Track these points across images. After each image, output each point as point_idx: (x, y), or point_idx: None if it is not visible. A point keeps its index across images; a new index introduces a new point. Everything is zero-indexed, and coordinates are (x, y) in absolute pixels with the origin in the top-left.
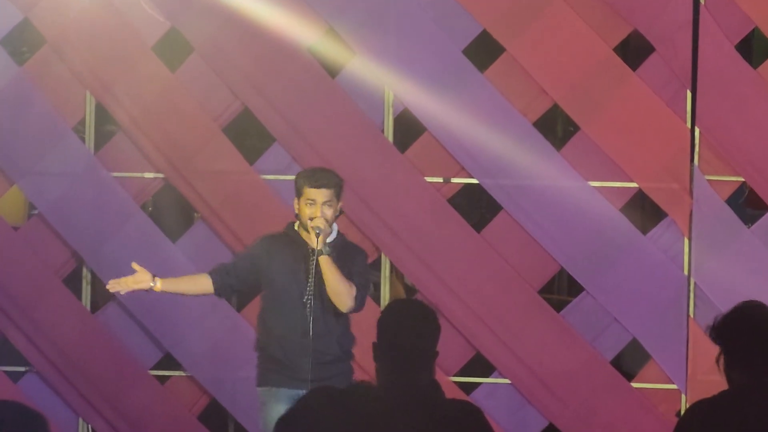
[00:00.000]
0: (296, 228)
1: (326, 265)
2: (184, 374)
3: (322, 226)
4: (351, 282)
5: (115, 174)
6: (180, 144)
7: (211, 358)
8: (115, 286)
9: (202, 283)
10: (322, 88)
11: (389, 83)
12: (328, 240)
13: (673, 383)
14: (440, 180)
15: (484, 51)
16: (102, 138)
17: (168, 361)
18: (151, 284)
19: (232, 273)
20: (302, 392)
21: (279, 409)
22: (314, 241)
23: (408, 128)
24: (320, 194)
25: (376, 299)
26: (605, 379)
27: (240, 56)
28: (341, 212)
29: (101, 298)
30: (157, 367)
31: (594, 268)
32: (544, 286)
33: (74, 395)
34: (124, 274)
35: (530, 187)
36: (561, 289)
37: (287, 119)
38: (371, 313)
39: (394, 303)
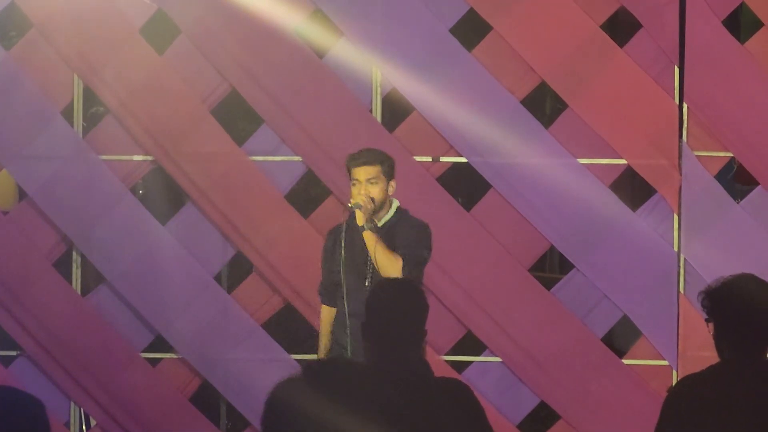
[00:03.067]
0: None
1: (368, 239)
2: (175, 356)
3: (362, 203)
4: (397, 255)
5: (104, 157)
6: (168, 126)
7: (203, 340)
8: None
9: (329, 316)
10: (310, 68)
11: (377, 63)
12: (385, 218)
13: (665, 359)
14: (429, 159)
15: (471, 30)
16: (89, 121)
17: (159, 344)
18: None
19: (329, 286)
20: None
21: None
22: (358, 220)
23: (396, 108)
24: (362, 172)
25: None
26: (596, 356)
27: (227, 38)
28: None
29: (92, 281)
30: (148, 349)
31: (584, 246)
32: (534, 264)
33: (65, 379)
34: (114, 257)
35: (519, 165)
36: (551, 267)
37: (275, 100)
38: None
39: (382, 282)
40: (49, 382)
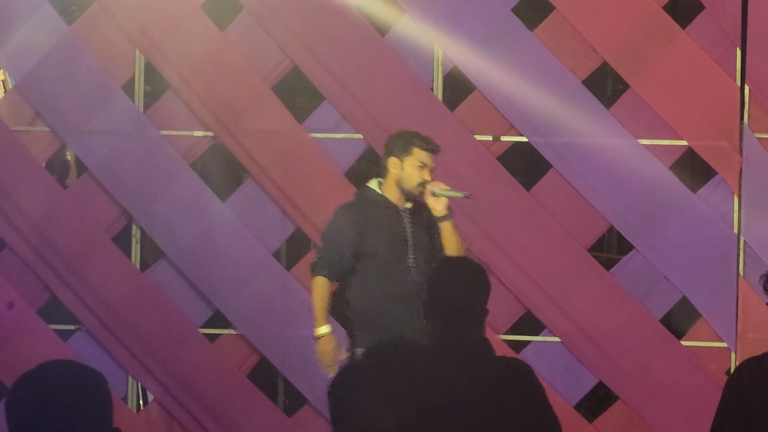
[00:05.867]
0: (379, 189)
1: (451, 227)
2: (233, 332)
3: (445, 190)
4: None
5: (164, 132)
6: (229, 102)
7: (261, 317)
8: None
9: (328, 290)
10: (372, 46)
11: (438, 41)
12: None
13: (723, 341)
14: (490, 138)
15: (533, 9)
16: (150, 97)
17: (218, 320)
18: (334, 339)
19: (340, 261)
20: None
21: None
22: (439, 209)
23: (457, 86)
24: (431, 159)
25: None
26: (655, 338)
27: (289, 15)
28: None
29: (151, 256)
30: (206, 325)
31: (643, 226)
32: (593, 244)
33: (124, 354)
34: (174, 233)
35: (580, 145)
36: (610, 247)
37: (336, 78)
38: None
39: (444, 261)
40: (107, 357)
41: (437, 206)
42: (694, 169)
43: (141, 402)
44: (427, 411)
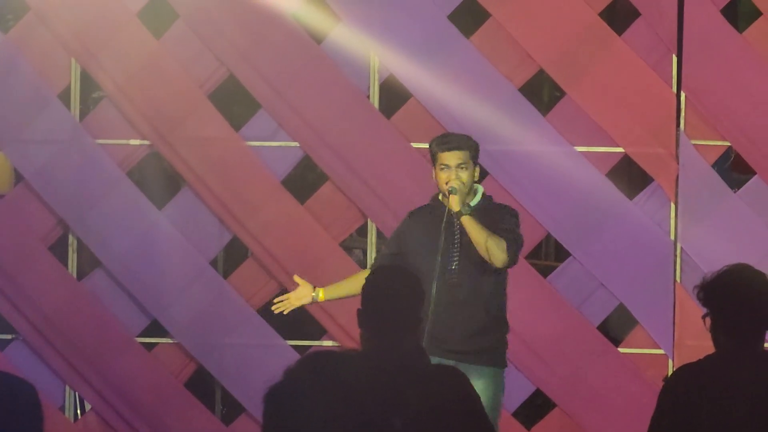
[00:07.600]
0: (440, 198)
1: (469, 223)
2: (170, 341)
3: (456, 186)
4: (500, 237)
5: (101, 141)
6: (165, 111)
7: (198, 325)
8: (280, 306)
9: (358, 277)
10: (308, 54)
11: (375, 49)
12: (472, 203)
13: (660, 348)
14: (426, 146)
15: (469, 16)
16: (87, 105)
17: (154, 328)
18: (313, 295)
19: (383, 257)
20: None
21: None
22: (453, 205)
23: (394, 94)
24: (452, 157)
25: (364, 266)
26: (592, 345)
27: (225, 23)
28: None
29: (87, 265)
30: (143, 334)
31: (580, 234)
32: (530, 251)
33: (60, 363)
34: (110, 242)
35: (516, 153)
36: (548, 255)
37: (273, 86)
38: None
39: (378, 270)
40: (44, 366)
41: (452, 203)
42: (630, 176)
43: (78, 411)
44: (362, 420)
